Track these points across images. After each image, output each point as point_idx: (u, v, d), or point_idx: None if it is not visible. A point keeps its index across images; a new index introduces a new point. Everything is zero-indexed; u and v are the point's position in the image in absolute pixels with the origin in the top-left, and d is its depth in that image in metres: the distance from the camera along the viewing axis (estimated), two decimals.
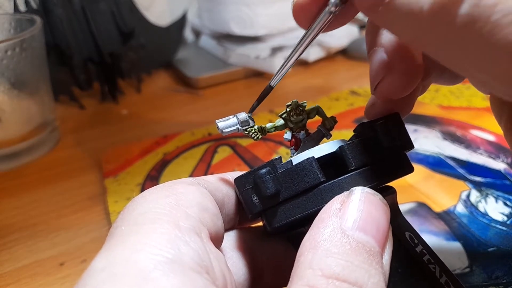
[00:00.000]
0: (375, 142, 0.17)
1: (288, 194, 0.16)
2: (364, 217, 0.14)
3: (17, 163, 0.39)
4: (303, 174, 0.16)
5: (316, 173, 0.16)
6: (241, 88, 0.53)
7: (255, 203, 0.16)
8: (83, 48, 0.47)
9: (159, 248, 0.12)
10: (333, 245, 0.13)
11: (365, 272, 0.13)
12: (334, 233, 0.13)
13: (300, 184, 0.16)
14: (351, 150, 0.16)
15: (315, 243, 0.13)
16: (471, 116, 0.43)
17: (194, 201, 0.15)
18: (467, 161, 0.36)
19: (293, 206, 0.16)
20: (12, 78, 0.38)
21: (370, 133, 0.17)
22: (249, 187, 0.17)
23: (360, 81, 0.53)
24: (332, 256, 0.13)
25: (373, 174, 0.16)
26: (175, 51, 0.57)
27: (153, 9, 0.62)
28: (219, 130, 0.18)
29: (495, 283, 0.25)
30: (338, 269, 0.13)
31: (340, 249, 0.13)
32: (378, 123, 0.17)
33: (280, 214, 0.16)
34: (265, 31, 0.56)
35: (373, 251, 0.13)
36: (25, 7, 0.45)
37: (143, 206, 0.15)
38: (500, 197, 0.32)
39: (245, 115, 0.19)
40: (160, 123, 0.46)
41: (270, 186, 0.16)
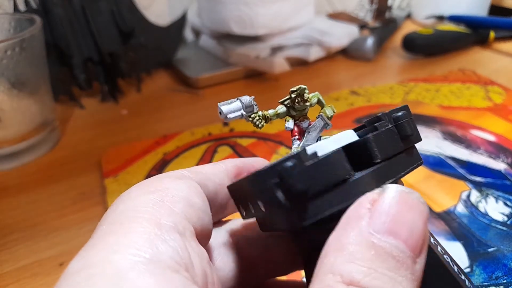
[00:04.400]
0: (396, 133, 0.16)
1: (316, 190, 0.14)
2: (395, 219, 0.13)
3: (17, 163, 0.39)
4: (332, 168, 0.14)
5: (346, 166, 0.15)
6: (241, 88, 0.53)
7: (281, 200, 0.15)
8: (83, 47, 0.47)
9: (136, 248, 0.12)
10: (358, 250, 0.12)
11: (389, 279, 0.12)
12: (361, 236, 0.13)
13: (329, 178, 0.14)
14: (376, 141, 0.15)
15: (340, 245, 0.13)
16: (472, 116, 0.43)
17: (180, 196, 0.15)
18: (467, 161, 0.36)
19: (321, 202, 0.15)
20: (12, 78, 0.38)
21: (388, 124, 0.16)
22: (274, 182, 0.15)
23: (360, 81, 0.53)
24: (355, 262, 0.12)
25: (398, 166, 0.15)
26: (175, 51, 0.57)
27: (153, 9, 0.62)
28: (222, 115, 0.17)
29: (495, 283, 0.25)
30: (359, 276, 0.12)
31: (364, 254, 0.12)
32: (401, 113, 0.16)
33: (308, 212, 0.15)
34: (265, 30, 0.56)
35: (402, 257, 0.12)
36: (25, 6, 0.45)
37: (126, 203, 0.14)
38: (501, 197, 0.32)
39: (249, 98, 0.17)
40: (160, 123, 0.46)
41: (300, 181, 0.14)
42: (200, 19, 0.61)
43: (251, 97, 0.18)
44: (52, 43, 0.45)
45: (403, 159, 0.16)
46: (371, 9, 0.73)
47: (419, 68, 0.57)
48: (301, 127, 0.18)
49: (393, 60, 0.60)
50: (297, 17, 0.58)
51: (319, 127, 0.18)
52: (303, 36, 0.58)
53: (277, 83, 0.54)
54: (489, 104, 0.46)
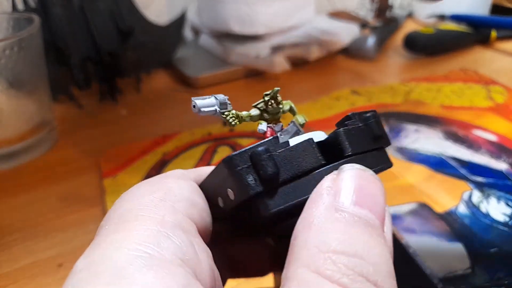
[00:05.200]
0: (366, 132, 0.16)
1: (286, 176, 0.15)
2: (357, 191, 0.13)
3: (15, 163, 0.39)
4: (302, 156, 0.15)
5: (317, 155, 0.15)
6: (241, 87, 0.53)
7: (252, 184, 0.15)
8: (81, 47, 0.47)
9: (138, 244, 0.12)
10: (328, 222, 0.12)
11: (365, 243, 0.12)
12: (327, 211, 0.13)
13: (299, 166, 0.15)
14: (346, 135, 0.15)
15: (308, 223, 0.13)
16: (473, 116, 0.43)
17: (182, 195, 0.15)
18: (469, 161, 0.36)
19: (291, 189, 0.15)
20: (10, 78, 0.38)
21: (358, 123, 0.16)
22: (245, 166, 0.15)
23: (361, 80, 0.53)
24: (327, 232, 0.12)
25: (367, 162, 0.15)
26: (175, 50, 0.57)
27: (153, 8, 0.62)
28: (196, 109, 0.17)
29: (497, 284, 0.25)
30: (335, 243, 0.12)
31: (335, 224, 0.12)
32: (370, 114, 0.16)
33: (278, 197, 0.15)
34: (265, 29, 0.55)
35: (372, 223, 0.13)
36: (24, 6, 0.44)
37: (128, 203, 0.14)
38: (502, 198, 0.32)
39: (223, 97, 0.18)
40: (160, 122, 0.46)
41: (271, 165, 0.14)
42: (199, 18, 0.61)
43: (226, 96, 0.18)
44: (51, 43, 0.45)
45: (373, 158, 0.16)
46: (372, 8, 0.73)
47: (420, 67, 0.56)
48: (274, 130, 0.18)
49: (394, 60, 0.59)
50: (297, 16, 0.57)
51: (291, 132, 0.18)
52: (303, 35, 0.57)
53: (277, 82, 0.53)
54: (491, 104, 0.45)
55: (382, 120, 0.43)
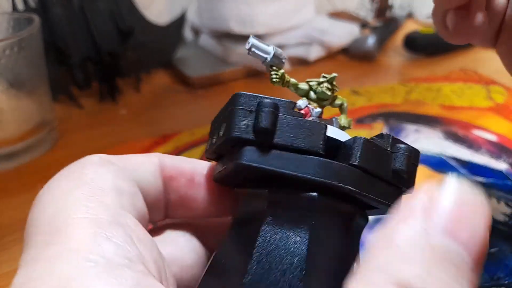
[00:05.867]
0: (387, 158, 0.15)
1: (278, 141, 0.14)
2: (456, 219, 0.11)
3: (15, 163, 0.39)
4: (305, 133, 0.14)
5: (320, 142, 0.14)
6: (241, 87, 0.53)
7: (241, 128, 0.14)
8: (81, 47, 0.47)
9: (79, 253, 0.12)
10: (412, 249, 0.11)
11: (444, 284, 0.11)
12: (417, 235, 0.11)
13: (296, 140, 0.14)
14: (364, 147, 0.14)
15: (392, 243, 0.11)
16: (473, 116, 0.43)
17: (108, 186, 0.14)
18: (469, 161, 0.36)
19: (277, 157, 0.14)
20: (10, 78, 0.38)
21: (386, 145, 0.15)
22: (247, 109, 0.14)
23: (361, 80, 0.53)
24: (408, 262, 0.11)
25: (370, 188, 0.14)
26: (175, 50, 0.57)
27: (152, 8, 0.62)
28: (248, 45, 0.16)
29: (497, 284, 0.25)
30: (413, 278, 0.11)
31: (419, 255, 0.11)
32: (404, 146, 0.15)
33: (257, 155, 0.14)
34: (265, 29, 0.55)
35: (460, 261, 0.11)
36: (24, 6, 0.44)
37: (54, 204, 0.13)
38: (502, 198, 0.32)
39: (282, 53, 0.16)
40: (159, 122, 0.46)
41: (270, 121, 0.14)
42: (199, 18, 0.61)
43: (285, 56, 0.17)
44: (51, 43, 0.45)
45: (377, 189, 0.14)
46: (372, 8, 0.73)
47: (420, 67, 0.56)
48: (310, 113, 0.16)
49: (394, 60, 0.59)
50: (297, 16, 0.57)
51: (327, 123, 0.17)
52: (303, 35, 0.57)
53: None
54: (491, 104, 0.45)
55: (382, 120, 0.43)
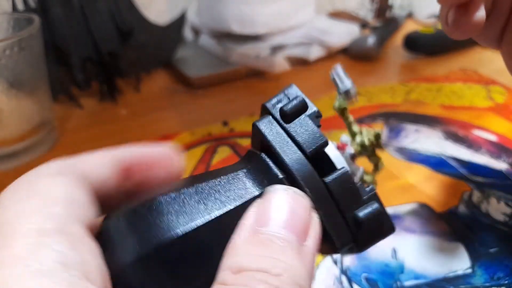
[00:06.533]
0: (356, 202, 0.15)
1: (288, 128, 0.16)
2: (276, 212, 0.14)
3: (15, 163, 0.39)
4: (308, 136, 0.16)
5: (313, 146, 0.15)
6: (241, 87, 0.53)
7: (273, 103, 0.17)
8: (81, 47, 0.47)
9: (19, 258, 0.12)
10: (244, 244, 0.14)
11: (274, 260, 0.13)
12: (247, 233, 0.14)
13: (299, 135, 0.16)
14: (343, 176, 0.15)
15: (231, 246, 0.14)
16: (473, 116, 0.43)
17: (60, 196, 0.15)
18: (469, 161, 0.36)
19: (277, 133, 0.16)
20: (11, 78, 0.38)
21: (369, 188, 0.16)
22: (287, 96, 0.17)
23: (361, 80, 0.53)
24: (241, 254, 0.14)
25: (327, 208, 0.15)
26: (175, 50, 0.57)
27: (152, 8, 0.62)
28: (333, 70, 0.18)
29: (497, 284, 0.25)
30: (245, 263, 0.13)
31: (249, 246, 0.14)
32: (377, 206, 0.15)
33: (269, 126, 0.16)
34: (265, 30, 0.55)
35: (287, 243, 0.14)
36: (24, 6, 0.44)
37: (4, 215, 0.14)
38: (502, 198, 0.32)
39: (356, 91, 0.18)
40: (159, 123, 0.46)
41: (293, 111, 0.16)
42: (199, 18, 0.61)
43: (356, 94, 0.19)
44: (51, 43, 0.45)
45: (334, 217, 0.15)
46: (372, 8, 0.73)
47: (420, 67, 0.56)
48: (345, 150, 0.18)
49: (394, 60, 0.59)
50: (297, 16, 0.57)
51: (352, 169, 0.18)
52: (303, 35, 0.57)
53: (278, 82, 0.53)
54: (491, 104, 0.45)
55: (382, 120, 0.43)
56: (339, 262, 0.27)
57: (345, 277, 0.26)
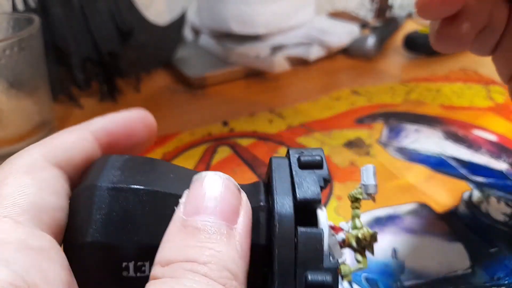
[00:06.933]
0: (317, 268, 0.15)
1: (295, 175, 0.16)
2: (200, 198, 0.14)
3: None
4: (309, 185, 0.16)
5: (312, 193, 0.16)
6: (241, 87, 0.53)
7: (295, 152, 0.18)
8: (81, 47, 0.47)
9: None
10: (172, 236, 0.14)
11: (201, 248, 0.13)
12: (176, 224, 0.14)
13: (302, 184, 0.16)
14: (317, 236, 0.15)
15: (162, 241, 0.14)
16: (473, 116, 0.43)
17: (27, 201, 0.14)
18: (469, 161, 0.36)
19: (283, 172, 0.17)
20: (11, 78, 0.38)
21: None
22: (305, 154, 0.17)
23: (361, 80, 0.53)
24: (169, 247, 0.14)
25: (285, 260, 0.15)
26: (175, 50, 0.57)
27: (153, 8, 0.62)
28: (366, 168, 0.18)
29: (497, 284, 0.25)
30: (172, 255, 0.13)
31: (177, 237, 0.14)
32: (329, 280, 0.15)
33: (282, 164, 0.17)
34: (265, 30, 0.55)
35: (214, 229, 0.14)
36: (24, 6, 0.44)
37: None
38: (502, 198, 0.32)
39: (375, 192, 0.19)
40: (159, 122, 0.45)
41: (310, 160, 0.17)
42: (199, 18, 0.61)
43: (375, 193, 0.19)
44: (51, 43, 0.45)
45: (287, 272, 0.15)
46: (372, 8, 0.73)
47: (420, 67, 0.56)
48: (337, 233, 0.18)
49: (394, 60, 0.59)
50: (297, 16, 0.57)
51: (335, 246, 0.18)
52: (303, 35, 0.57)
53: (277, 82, 0.53)
54: (491, 104, 0.45)
55: (382, 120, 0.43)
56: None
57: None
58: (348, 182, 0.34)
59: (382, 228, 0.29)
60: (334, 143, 0.40)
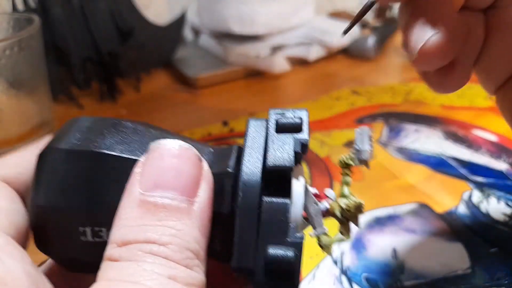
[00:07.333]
0: (281, 241, 0.14)
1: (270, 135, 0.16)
2: (158, 172, 0.13)
3: None
4: (280, 146, 0.15)
5: (285, 159, 0.15)
6: (241, 87, 0.53)
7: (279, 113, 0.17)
8: (81, 47, 0.47)
9: None
10: (128, 213, 0.13)
11: (161, 228, 0.13)
12: (131, 200, 0.13)
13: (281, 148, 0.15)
14: (283, 205, 0.14)
15: (117, 217, 0.13)
16: (473, 116, 0.43)
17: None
18: (469, 161, 0.36)
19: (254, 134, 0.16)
20: (10, 78, 0.38)
21: None
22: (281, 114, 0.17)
23: (361, 80, 0.53)
24: (126, 226, 0.13)
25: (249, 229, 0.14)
26: (174, 50, 0.57)
27: (152, 8, 0.62)
28: (360, 130, 0.18)
29: (497, 284, 0.25)
30: (131, 235, 0.13)
31: (134, 215, 0.13)
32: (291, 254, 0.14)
33: (259, 125, 0.17)
34: (265, 30, 0.55)
35: (174, 205, 0.13)
36: (24, 6, 0.44)
37: None
38: (502, 198, 0.32)
39: (369, 157, 0.18)
40: (159, 122, 0.45)
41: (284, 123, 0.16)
42: (199, 18, 0.61)
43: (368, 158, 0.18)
44: (51, 43, 0.45)
45: (249, 242, 0.14)
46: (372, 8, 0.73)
47: None
48: (323, 200, 0.17)
49: (394, 60, 0.59)
50: (297, 16, 0.57)
51: (316, 217, 0.17)
52: (303, 35, 0.57)
53: (277, 82, 0.53)
54: (491, 104, 0.45)
55: (382, 120, 0.43)
56: (339, 262, 0.27)
57: (345, 277, 0.26)
58: None
59: (382, 228, 0.29)
60: (334, 143, 0.40)
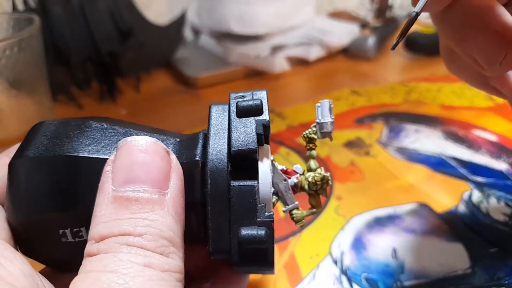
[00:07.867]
0: (251, 221, 0.15)
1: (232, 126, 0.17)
2: (128, 167, 0.14)
3: None
4: (242, 132, 0.16)
5: (248, 142, 0.15)
6: (241, 87, 0.53)
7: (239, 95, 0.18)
8: (81, 47, 0.47)
9: None
10: (103, 211, 0.13)
11: (135, 220, 0.13)
12: (105, 197, 0.14)
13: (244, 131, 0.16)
14: (251, 188, 0.15)
15: (93, 215, 0.14)
16: (473, 116, 0.43)
17: None
18: (469, 161, 0.36)
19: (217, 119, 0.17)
20: (10, 78, 0.38)
21: None
22: (242, 96, 0.17)
23: (361, 80, 0.53)
24: (101, 223, 0.13)
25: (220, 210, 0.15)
26: (175, 50, 0.57)
27: (152, 8, 0.62)
28: (320, 104, 0.18)
29: (497, 284, 0.25)
30: (107, 230, 0.13)
31: (108, 211, 0.13)
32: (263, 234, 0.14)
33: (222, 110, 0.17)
34: (265, 30, 0.55)
35: (146, 198, 0.13)
36: (24, 6, 0.44)
37: None
38: (502, 198, 0.32)
39: (331, 130, 0.18)
40: (159, 123, 0.46)
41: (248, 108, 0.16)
42: (199, 18, 0.61)
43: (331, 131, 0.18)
44: (51, 43, 0.45)
45: (221, 223, 0.15)
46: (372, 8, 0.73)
47: (420, 67, 0.56)
48: (290, 177, 0.18)
49: (394, 60, 0.59)
50: (297, 16, 0.57)
51: (286, 193, 0.17)
52: (303, 35, 0.57)
53: (277, 82, 0.53)
54: (491, 104, 0.45)
55: (382, 120, 0.43)
56: (339, 262, 0.27)
57: (345, 277, 0.26)
58: (348, 182, 0.34)
59: (382, 228, 0.29)
60: (334, 143, 0.40)
